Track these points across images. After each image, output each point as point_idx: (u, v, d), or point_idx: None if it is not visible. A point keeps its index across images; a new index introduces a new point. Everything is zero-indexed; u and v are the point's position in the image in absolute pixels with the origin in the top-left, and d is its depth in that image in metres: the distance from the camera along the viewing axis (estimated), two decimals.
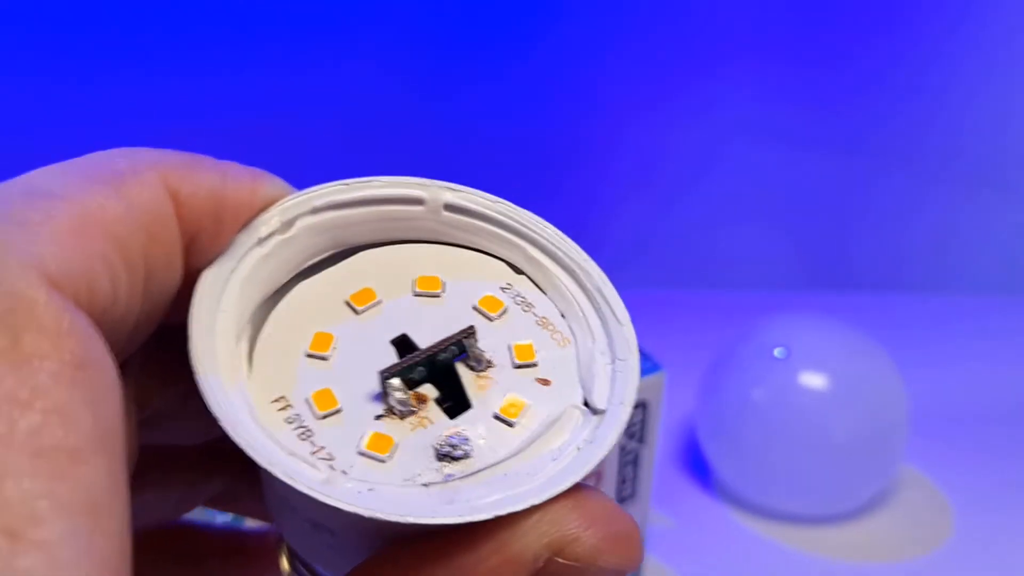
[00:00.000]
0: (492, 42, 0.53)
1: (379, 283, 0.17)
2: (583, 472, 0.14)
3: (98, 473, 0.12)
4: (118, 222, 0.14)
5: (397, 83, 0.54)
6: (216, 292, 0.16)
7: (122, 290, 0.14)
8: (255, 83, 0.53)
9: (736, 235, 0.59)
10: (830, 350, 0.40)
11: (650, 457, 0.33)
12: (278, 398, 0.15)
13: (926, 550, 0.40)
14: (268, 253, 0.16)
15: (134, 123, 0.52)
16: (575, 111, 0.56)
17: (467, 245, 0.18)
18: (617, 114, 0.55)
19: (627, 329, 0.16)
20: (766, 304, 0.54)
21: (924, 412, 0.42)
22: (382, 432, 0.15)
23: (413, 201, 0.17)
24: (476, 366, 0.16)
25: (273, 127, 0.53)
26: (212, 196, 0.15)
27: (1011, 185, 0.59)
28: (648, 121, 0.55)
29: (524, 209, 0.18)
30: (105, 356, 0.13)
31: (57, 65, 0.51)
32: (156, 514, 0.20)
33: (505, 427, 0.15)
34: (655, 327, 0.40)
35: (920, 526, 0.41)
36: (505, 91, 0.55)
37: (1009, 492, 0.43)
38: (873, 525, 0.41)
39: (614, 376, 0.16)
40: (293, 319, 0.16)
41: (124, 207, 0.14)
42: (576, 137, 0.56)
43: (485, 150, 0.55)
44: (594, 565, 0.14)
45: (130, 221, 0.14)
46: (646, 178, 0.58)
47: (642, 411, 0.32)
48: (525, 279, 0.17)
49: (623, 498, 0.33)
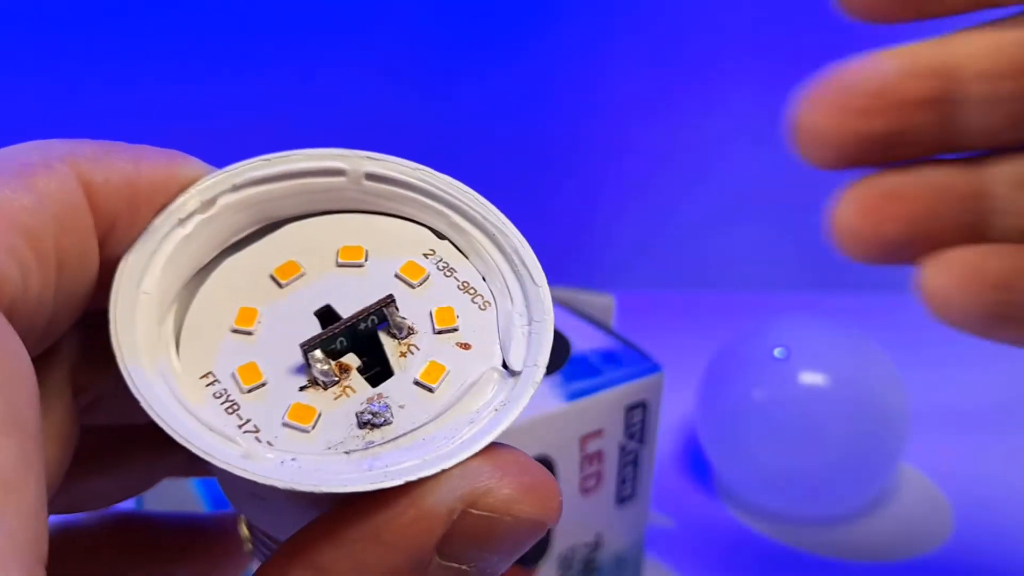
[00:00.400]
0: (492, 42, 0.53)
1: (303, 256, 0.17)
2: (496, 433, 0.15)
3: (7, 453, 0.12)
4: (27, 213, 0.14)
5: (397, 83, 0.54)
6: (136, 276, 0.16)
7: (33, 280, 0.14)
8: (254, 83, 0.53)
9: (736, 235, 0.59)
10: (830, 350, 0.40)
11: (650, 457, 0.33)
12: (205, 374, 0.16)
13: (926, 550, 0.40)
14: (189, 234, 0.17)
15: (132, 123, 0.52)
16: (575, 112, 0.56)
17: (390, 212, 0.18)
18: (618, 115, 0.55)
19: (543, 291, 0.17)
20: (766, 304, 0.54)
21: (924, 412, 0.42)
22: (304, 403, 0.15)
23: (334, 173, 0.17)
24: (398, 334, 0.16)
25: (271, 127, 0.53)
26: (126, 182, 0.16)
27: None
28: (649, 122, 0.55)
29: (444, 175, 0.18)
30: (15, 343, 0.13)
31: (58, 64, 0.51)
32: (124, 490, 0.20)
33: (426, 392, 0.16)
34: (655, 327, 0.40)
35: (920, 526, 0.41)
36: (505, 91, 0.55)
37: (1008, 492, 0.43)
38: (873, 525, 0.41)
39: (530, 338, 0.16)
40: (219, 296, 0.17)
41: (33, 198, 0.14)
42: (576, 138, 0.56)
43: (485, 151, 0.55)
44: (508, 514, 0.14)
45: (40, 212, 0.14)
46: (646, 178, 0.58)
47: (642, 411, 0.32)
48: (448, 244, 0.18)
49: (623, 498, 0.33)
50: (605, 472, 0.32)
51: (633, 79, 0.54)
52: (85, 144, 0.16)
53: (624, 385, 0.31)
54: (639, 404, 0.32)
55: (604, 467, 0.32)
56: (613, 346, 0.33)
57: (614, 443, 0.32)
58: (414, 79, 0.54)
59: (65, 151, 0.15)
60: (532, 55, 0.54)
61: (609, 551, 0.34)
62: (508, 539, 0.14)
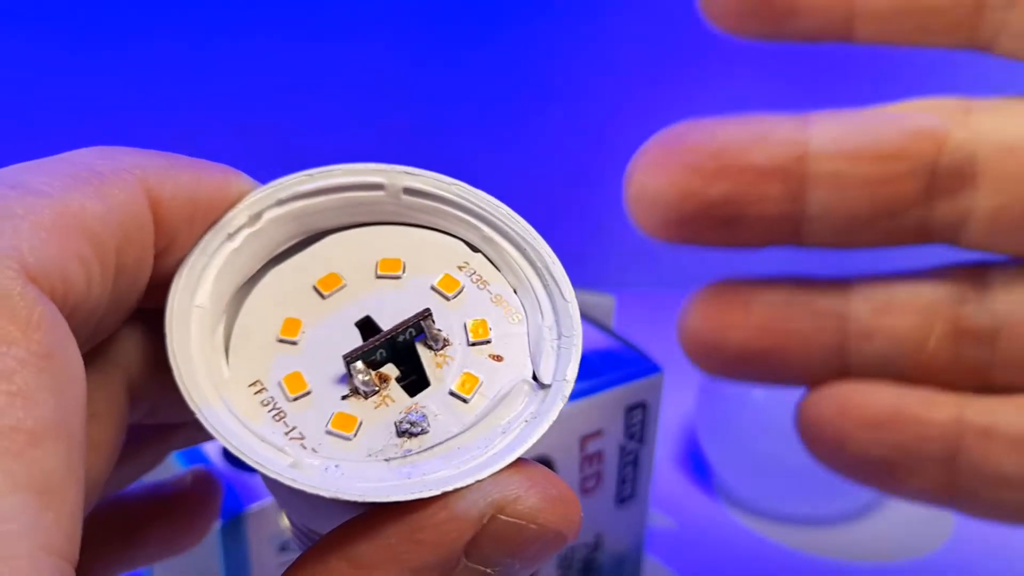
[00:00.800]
0: (492, 43, 0.53)
1: (344, 267, 0.18)
2: (527, 445, 0.16)
3: (53, 456, 0.12)
4: (97, 221, 0.14)
5: (397, 82, 0.54)
6: (190, 290, 0.17)
7: (95, 286, 0.15)
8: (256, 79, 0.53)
9: None
10: None
11: (650, 457, 0.33)
12: (254, 382, 0.17)
13: (925, 550, 0.40)
14: (238, 247, 0.17)
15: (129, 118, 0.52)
16: (575, 111, 0.56)
17: (427, 225, 0.19)
18: (617, 114, 0.55)
19: (572, 306, 0.17)
20: None
21: None
22: (347, 412, 0.16)
23: (374, 187, 0.18)
24: (434, 345, 0.17)
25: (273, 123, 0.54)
26: (188, 198, 0.16)
27: None
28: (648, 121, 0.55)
29: (478, 190, 0.18)
30: (72, 349, 0.14)
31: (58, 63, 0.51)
32: (132, 477, 0.21)
33: (460, 403, 0.16)
34: (655, 327, 0.40)
35: (919, 526, 0.41)
36: (504, 92, 0.55)
37: None
38: (872, 525, 0.41)
39: (559, 352, 0.17)
40: (264, 307, 0.18)
41: (103, 208, 0.15)
42: (576, 137, 0.56)
43: (485, 151, 0.55)
44: (534, 522, 0.15)
45: (108, 221, 0.15)
46: None
47: (642, 411, 0.32)
48: (481, 257, 0.18)
49: (623, 498, 0.33)
50: (605, 472, 0.32)
51: (632, 79, 0.54)
52: (151, 156, 0.16)
53: (624, 385, 0.31)
54: (639, 404, 0.32)
55: (604, 467, 0.32)
56: (613, 346, 0.33)
57: (614, 443, 0.32)
58: (414, 79, 0.54)
59: (133, 162, 0.16)
60: (532, 56, 0.54)
61: (609, 551, 0.34)
62: (532, 546, 0.15)
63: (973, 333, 0.24)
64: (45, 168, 0.15)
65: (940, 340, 0.24)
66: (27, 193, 0.14)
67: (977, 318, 0.24)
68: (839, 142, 0.23)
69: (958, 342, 0.24)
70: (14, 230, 0.13)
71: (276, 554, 0.27)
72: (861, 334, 0.24)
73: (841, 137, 0.23)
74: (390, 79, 0.54)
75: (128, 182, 0.15)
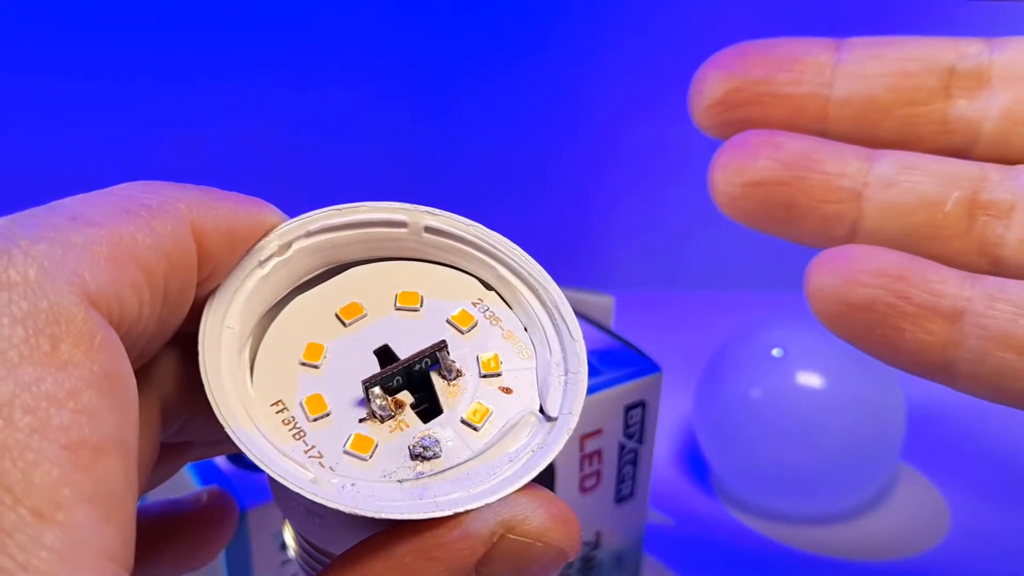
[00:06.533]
0: (489, 46, 0.54)
1: (365, 298, 0.19)
2: (533, 473, 0.17)
3: (115, 471, 0.13)
4: (147, 251, 0.16)
5: (396, 82, 0.54)
6: (222, 312, 0.18)
7: (145, 311, 0.16)
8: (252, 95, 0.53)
9: (735, 235, 0.59)
10: (828, 350, 0.40)
11: (648, 457, 0.33)
12: (276, 402, 0.18)
13: (924, 548, 0.40)
14: (267, 274, 0.18)
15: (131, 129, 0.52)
16: (574, 111, 0.56)
17: (444, 262, 0.20)
18: (616, 113, 0.56)
19: (579, 345, 0.18)
20: (764, 304, 0.54)
21: (921, 411, 0.43)
22: (364, 434, 0.17)
23: (397, 224, 0.19)
24: (447, 375, 0.18)
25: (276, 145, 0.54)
26: (228, 229, 0.17)
27: None
28: (647, 120, 0.55)
29: (494, 231, 0.20)
30: (128, 370, 0.15)
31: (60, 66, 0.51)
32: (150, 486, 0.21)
33: (470, 431, 0.17)
34: (654, 327, 0.40)
35: (918, 524, 0.41)
36: (504, 92, 0.55)
37: (1006, 490, 0.43)
38: (871, 524, 0.41)
39: (566, 387, 0.18)
40: (289, 331, 0.19)
41: (153, 239, 0.16)
42: (576, 137, 0.57)
43: (485, 152, 0.55)
44: (540, 540, 0.16)
45: (157, 251, 0.16)
46: (646, 178, 0.58)
47: (640, 411, 0.32)
48: (494, 295, 0.19)
49: (622, 498, 0.33)
50: (604, 471, 0.32)
51: (631, 78, 0.55)
52: (191, 189, 0.17)
53: (623, 385, 0.31)
54: (638, 404, 0.32)
55: (603, 466, 0.32)
56: (612, 346, 0.33)
57: (613, 442, 0.32)
58: (413, 79, 0.54)
59: (176, 195, 0.17)
60: (531, 57, 0.54)
61: (608, 550, 0.34)
62: (537, 563, 0.16)
63: (990, 205, 0.25)
64: (98, 201, 0.16)
65: (957, 205, 0.25)
66: (86, 225, 0.15)
67: (996, 192, 0.25)
68: (866, 43, 0.27)
69: (973, 212, 0.25)
70: (76, 258, 0.14)
71: (278, 552, 0.27)
72: (882, 183, 0.25)
73: (868, 42, 0.27)
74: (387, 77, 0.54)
75: (173, 215, 0.16)
